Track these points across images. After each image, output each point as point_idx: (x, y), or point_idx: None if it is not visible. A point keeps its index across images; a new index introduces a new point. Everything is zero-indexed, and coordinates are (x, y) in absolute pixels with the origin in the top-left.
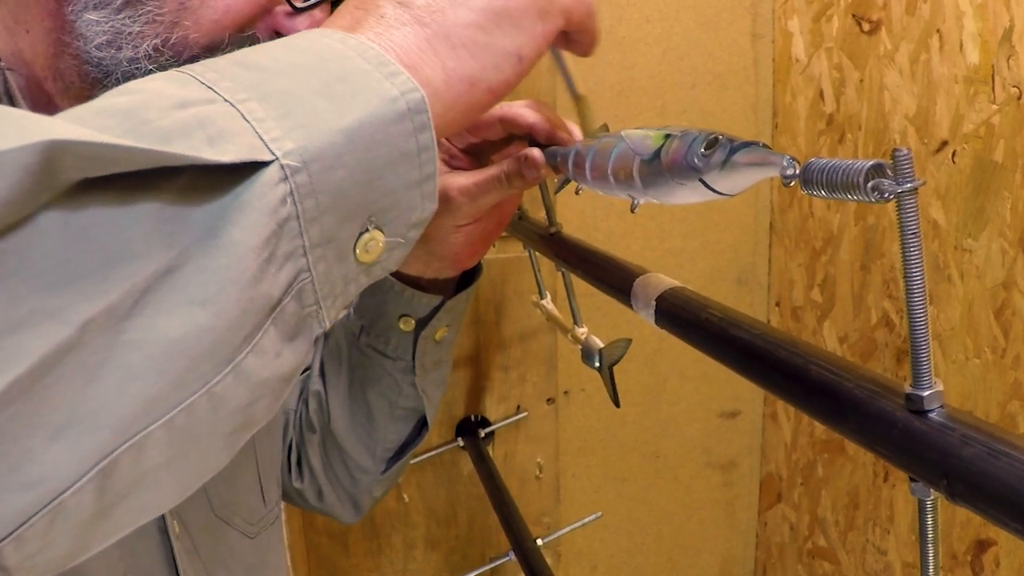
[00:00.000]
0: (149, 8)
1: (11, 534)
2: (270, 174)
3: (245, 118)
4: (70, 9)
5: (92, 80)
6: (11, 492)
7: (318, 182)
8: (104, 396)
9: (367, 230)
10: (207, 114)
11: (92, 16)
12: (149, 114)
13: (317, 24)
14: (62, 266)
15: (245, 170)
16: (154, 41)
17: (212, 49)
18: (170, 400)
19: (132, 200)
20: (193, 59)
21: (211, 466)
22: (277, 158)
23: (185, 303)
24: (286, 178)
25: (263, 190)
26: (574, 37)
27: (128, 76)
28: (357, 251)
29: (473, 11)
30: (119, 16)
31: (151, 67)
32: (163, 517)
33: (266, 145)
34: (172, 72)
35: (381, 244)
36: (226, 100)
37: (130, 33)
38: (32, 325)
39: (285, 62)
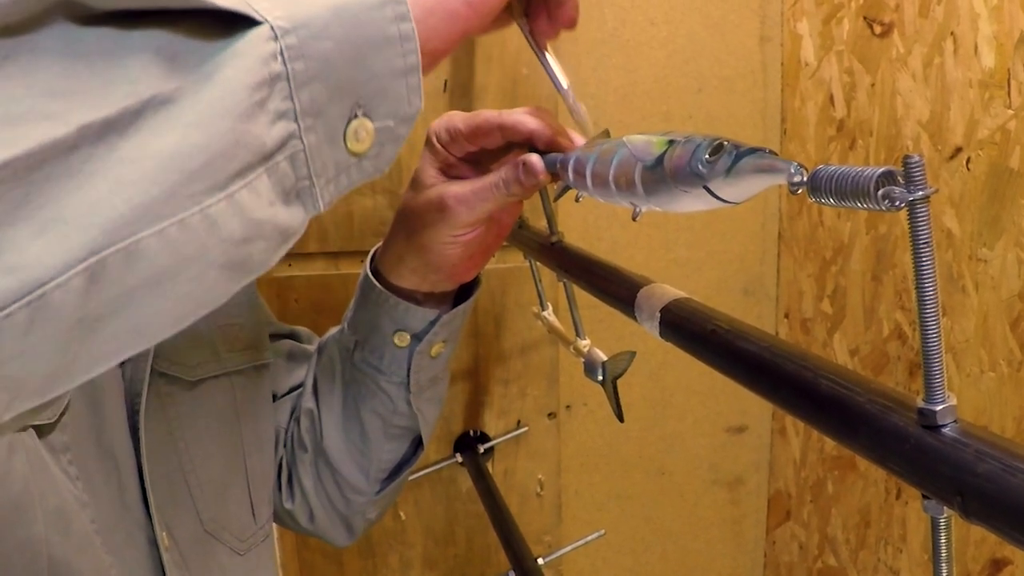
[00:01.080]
0: None
1: None
2: (262, 30)
3: None
4: None
5: None
6: None
7: (306, 47)
8: (95, 199)
9: (356, 116)
10: None
11: None
12: None
13: None
14: (62, 79)
15: (238, 25)
16: None
17: None
18: (163, 210)
19: (134, 33)
20: None
21: (204, 298)
22: (267, 20)
23: (180, 125)
24: (276, 38)
25: (256, 41)
26: None
27: None
28: (348, 138)
29: None
30: None
31: None
32: (152, 528)
33: (257, 11)
34: None
35: (371, 133)
36: None
37: None
38: (29, 121)
39: None
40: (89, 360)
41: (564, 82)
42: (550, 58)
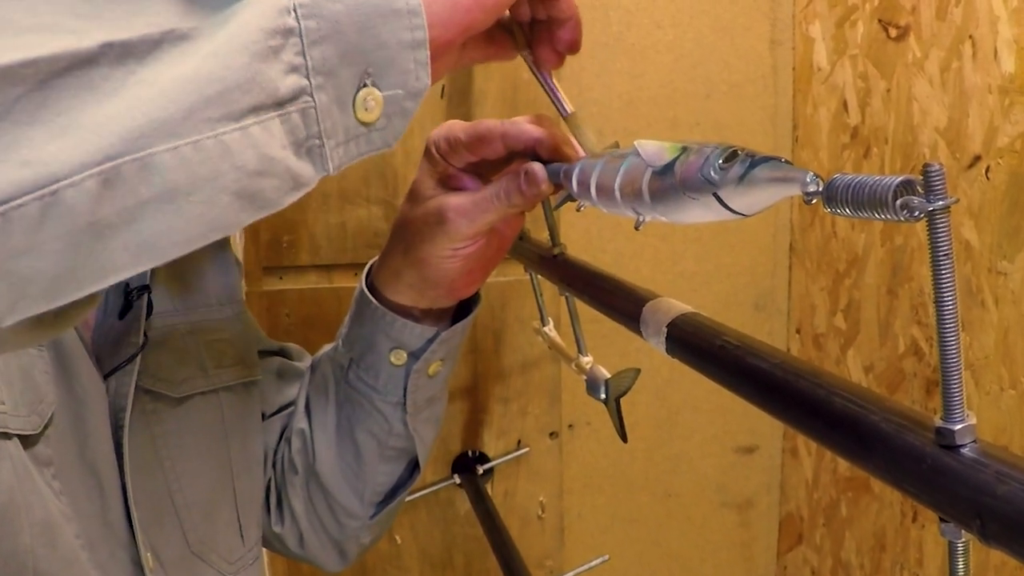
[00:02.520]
0: None
1: (2, 203)
2: None
3: None
4: None
5: None
6: (7, 166)
7: (318, 7)
8: (113, 112)
9: (365, 84)
10: None
11: None
12: None
13: None
14: (85, 4)
15: None
16: None
17: None
18: (179, 129)
19: None
20: None
21: (215, 222)
22: None
23: (198, 56)
24: None
25: None
26: (554, 13)
27: None
28: (357, 105)
29: None
30: None
31: None
32: (136, 549)
33: None
34: None
35: (379, 103)
36: None
37: None
38: (54, 32)
39: None
40: (97, 269)
41: (569, 108)
42: (555, 85)
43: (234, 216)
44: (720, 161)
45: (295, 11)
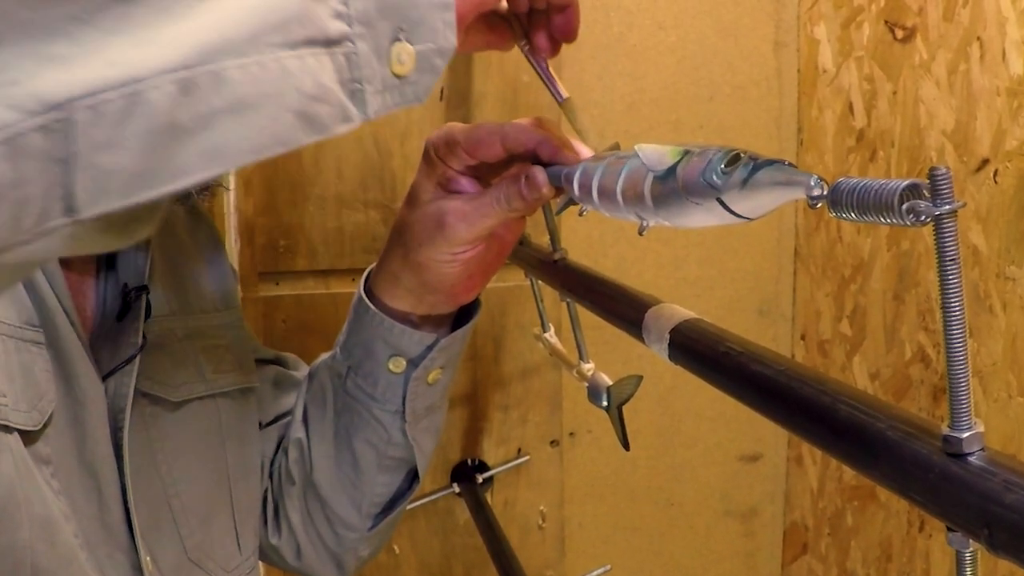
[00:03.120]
0: None
1: (90, 94)
2: None
3: None
4: None
5: None
6: (95, 64)
7: None
8: (187, 29)
9: (399, 39)
10: None
11: None
12: None
13: None
14: None
15: None
16: None
17: None
18: (246, 48)
19: None
20: None
21: (280, 136)
22: None
23: None
24: None
25: None
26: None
27: None
28: (392, 58)
29: None
30: None
31: None
32: (135, 552)
33: None
34: None
35: (412, 57)
36: None
37: None
38: None
39: None
40: (173, 169)
41: (564, 94)
42: (551, 72)
43: (295, 133)
44: (723, 165)
45: None
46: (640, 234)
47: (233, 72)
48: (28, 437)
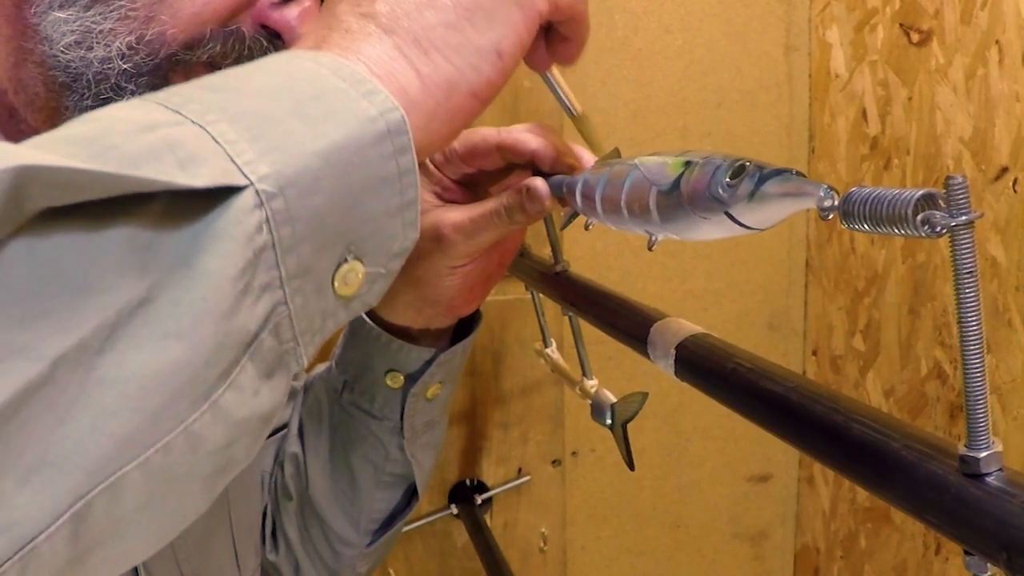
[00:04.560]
0: (121, 3)
1: None
2: (245, 200)
3: (216, 140)
4: (32, 11)
5: (59, 86)
6: None
7: (295, 209)
8: (77, 436)
9: (346, 260)
10: (175, 136)
11: (59, 15)
12: (114, 139)
13: (308, 14)
14: (31, 299)
15: (218, 195)
16: (128, 39)
17: (192, 46)
18: (146, 439)
19: (101, 228)
20: (171, 57)
21: (190, 511)
22: (252, 183)
23: (159, 337)
24: (261, 204)
25: (238, 217)
26: (562, 30)
27: (99, 78)
28: (336, 283)
29: (440, 10)
30: (88, 13)
31: (125, 66)
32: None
33: (239, 169)
34: (134, 100)
35: (360, 276)
36: (194, 122)
37: (101, 31)
38: (0, 361)
39: (255, 83)
40: None
41: (578, 108)
42: (563, 85)
43: (206, 498)
44: (727, 177)
45: (268, 223)
46: (650, 249)
47: (132, 476)
48: None
